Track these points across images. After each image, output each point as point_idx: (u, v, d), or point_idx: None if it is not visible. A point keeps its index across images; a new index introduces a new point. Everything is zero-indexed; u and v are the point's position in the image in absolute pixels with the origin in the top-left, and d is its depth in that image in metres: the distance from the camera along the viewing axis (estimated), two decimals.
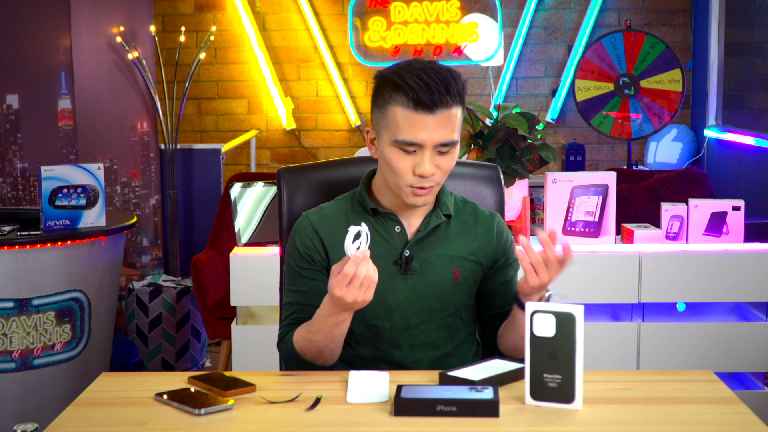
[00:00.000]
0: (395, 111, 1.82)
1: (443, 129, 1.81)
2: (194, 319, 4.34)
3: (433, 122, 1.80)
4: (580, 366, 1.59)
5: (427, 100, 1.79)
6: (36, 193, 4.33)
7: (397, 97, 1.82)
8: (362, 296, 1.70)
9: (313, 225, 1.94)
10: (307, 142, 5.75)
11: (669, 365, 3.06)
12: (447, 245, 1.94)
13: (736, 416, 1.58)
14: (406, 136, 1.81)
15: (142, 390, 1.73)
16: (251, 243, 3.13)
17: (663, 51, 4.89)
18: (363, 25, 5.60)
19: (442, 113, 1.81)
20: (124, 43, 4.59)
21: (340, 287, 1.69)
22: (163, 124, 4.82)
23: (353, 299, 1.70)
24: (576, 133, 5.66)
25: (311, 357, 1.86)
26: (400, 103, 1.81)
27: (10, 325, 3.20)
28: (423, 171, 1.82)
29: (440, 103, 1.80)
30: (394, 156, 1.84)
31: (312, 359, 1.86)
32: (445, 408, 1.57)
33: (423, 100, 1.79)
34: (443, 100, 1.80)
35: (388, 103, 1.84)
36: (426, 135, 1.81)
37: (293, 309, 1.94)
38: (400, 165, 1.84)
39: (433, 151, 1.83)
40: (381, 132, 1.87)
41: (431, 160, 1.83)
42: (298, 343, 1.87)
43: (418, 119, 1.80)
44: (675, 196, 3.88)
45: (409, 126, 1.81)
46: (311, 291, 1.91)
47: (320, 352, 1.84)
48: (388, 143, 1.85)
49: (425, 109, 1.79)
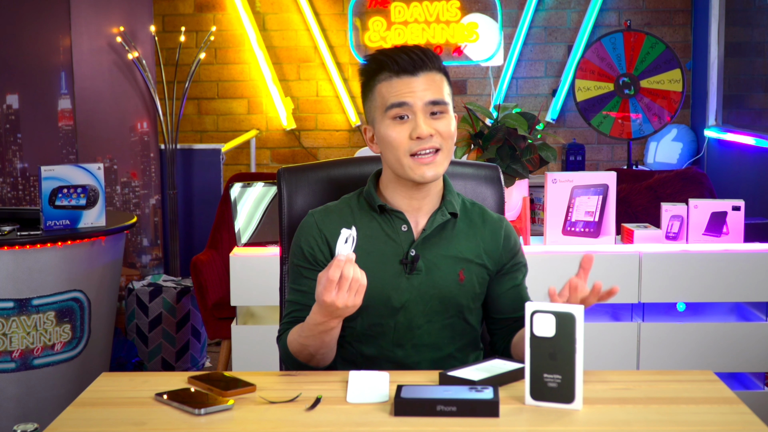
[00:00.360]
0: (380, 87, 1.89)
1: (429, 89, 1.87)
2: (194, 319, 4.34)
3: (417, 83, 1.86)
4: (580, 366, 1.59)
5: (408, 65, 1.86)
6: (36, 193, 4.33)
7: (379, 76, 1.89)
8: (352, 300, 1.68)
9: (318, 224, 1.94)
10: (307, 142, 5.75)
11: (669, 365, 3.06)
12: (453, 246, 1.94)
13: (736, 416, 1.58)
14: (395, 99, 1.86)
15: (142, 390, 1.73)
16: (251, 243, 3.13)
17: (663, 51, 4.90)
18: (363, 25, 5.60)
19: (425, 75, 1.87)
20: (124, 43, 4.59)
21: (328, 293, 1.67)
22: (163, 124, 4.82)
23: (344, 304, 1.67)
24: (576, 133, 5.66)
25: (304, 359, 1.87)
26: (383, 78, 1.88)
27: (10, 325, 3.20)
28: (420, 132, 1.85)
29: (421, 66, 1.87)
30: (389, 129, 1.87)
31: (305, 361, 1.87)
32: (445, 408, 1.57)
33: (403, 66, 1.86)
34: (423, 64, 1.87)
35: (374, 86, 1.90)
36: (413, 95, 1.86)
37: (293, 308, 1.94)
38: (396, 135, 1.86)
39: (425, 112, 1.87)
40: (374, 117, 1.91)
41: (425, 121, 1.86)
42: (292, 345, 1.87)
43: (402, 83, 1.86)
44: (675, 196, 3.88)
45: (395, 91, 1.87)
46: (311, 292, 1.91)
47: (312, 356, 1.85)
48: (381, 121, 1.88)
49: (407, 73, 1.87)
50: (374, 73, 1.90)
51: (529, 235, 3.14)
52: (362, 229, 1.92)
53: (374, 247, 1.91)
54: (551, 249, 3.07)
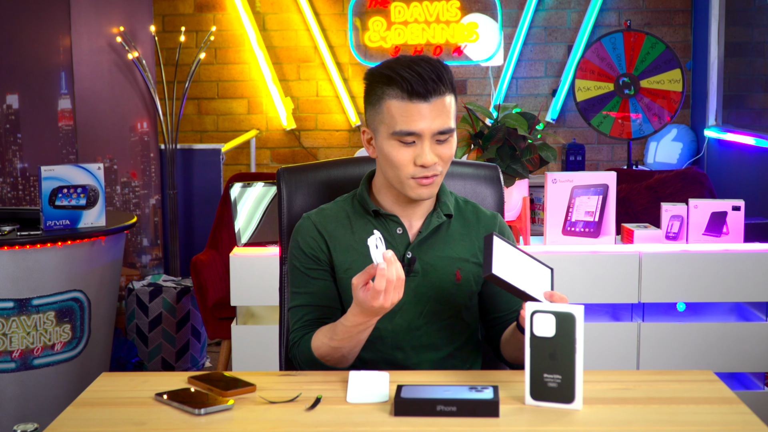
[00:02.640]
0: (390, 104, 1.83)
1: (439, 117, 1.83)
2: (194, 319, 4.34)
3: (429, 110, 1.82)
4: (580, 366, 1.59)
5: (422, 89, 1.81)
6: (36, 193, 4.33)
7: (390, 91, 1.83)
8: (397, 297, 1.70)
9: (317, 226, 1.94)
10: (307, 142, 5.75)
11: (669, 365, 3.06)
12: (449, 246, 1.94)
13: (736, 416, 1.58)
14: (404, 127, 1.82)
15: (142, 390, 1.73)
16: (251, 243, 3.13)
17: (663, 51, 4.89)
18: (363, 25, 5.60)
19: (437, 101, 1.83)
20: (124, 43, 4.59)
21: (377, 300, 1.68)
22: (163, 124, 4.82)
23: (391, 303, 1.69)
24: (576, 133, 5.66)
25: (333, 362, 1.85)
26: (394, 96, 1.83)
27: (10, 325, 3.20)
28: (424, 161, 1.83)
29: (434, 91, 1.82)
30: (393, 149, 1.84)
31: (334, 364, 1.86)
32: (445, 408, 1.57)
33: (417, 89, 1.81)
34: (437, 88, 1.82)
35: (383, 98, 1.85)
36: (423, 124, 1.82)
37: (304, 312, 1.93)
38: (400, 158, 1.84)
39: (432, 140, 1.84)
40: (378, 128, 1.88)
41: (431, 149, 1.84)
42: (319, 350, 1.85)
43: (414, 109, 1.82)
44: (675, 196, 3.88)
45: (406, 116, 1.82)
46: (320, 291, 1.91)
47: (344, 357, 1.84)
48: (386, 138, 1.85)
49: (420, 98, 1.81)
50: (384, 84, 1.85)
51: (529, 235, 3.14)
52: (358, 233, 1.93)
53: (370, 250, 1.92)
54: (551, 249, 3.07)
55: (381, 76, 1.85)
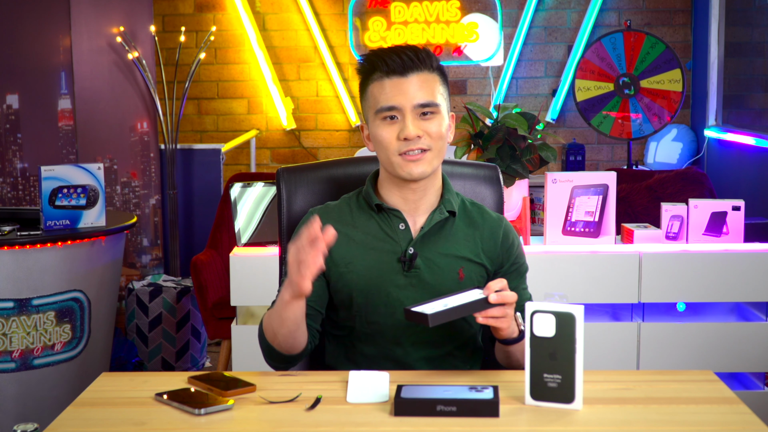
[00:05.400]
0: (373, 87, 1.91)
1: (420, 91, 1.88)
2: (194, 319, 4.34)
3: (407, 85, 1.88)
4: (580, 366, 1.59)
5: (398, 66, 1.87)
6: (36, 193, 4.33)
7: (372, 76, 1.91)
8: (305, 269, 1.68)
9: (320, 219, 1.95)
10: (307, 142, 5.75)
11: (669, 365, 3.06)
12: (452, 244, 1.95)
13: (736, 416, 1.58)
14: (384, 103, 1.88)
15: (142, 390, 1.73)
16: (251, 243, 3.13)
17: (663, 51, 4.90)
18: (363, 25, 5.60)
19: (416, 76, 1.88)
20: (124, 43, 4.59)
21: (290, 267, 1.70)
22: (163, 124, 4.82)
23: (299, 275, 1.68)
24: (576, 133, 5.66)
25: (269, 337, 1.86)
26: (375, 79, 1.91)
27: (10, 325, 3.20)
28: (407, 133, 1.87)
29: (411, 66, 1.88)
30: (379, 129, 1.90)
31: (270, 340, 1.86)
32: (445, 408, 1.57)
33: (393, 66, 1.88)
34: (413, 64, 1.88)
35: (367, 86, 1.92)
36: (402, 97, 1.87)
37: None
38: (386, 135, 1.89)
39: (414, 113, 1.88)
40: (368, 116, 1.94)
41: (414, 123, 1.88)
42: (264, 321, 1.89)
43: (392, 84, 1.88)
44: (675, 196, 3.88)
45: (385, 93, 1.88)
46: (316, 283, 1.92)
47: (275, 334, 1.84)
48: (373, 122, 1.91)
49: (397, 74, 1.88)
50: (368, 73, 1.92)
51: (529, 235, 3.14)
52: (361, 228, 1.95)
53: (373, 246, 1.93)
54: (551, 249, 3.07)
55: (363, 67, 1.93)
